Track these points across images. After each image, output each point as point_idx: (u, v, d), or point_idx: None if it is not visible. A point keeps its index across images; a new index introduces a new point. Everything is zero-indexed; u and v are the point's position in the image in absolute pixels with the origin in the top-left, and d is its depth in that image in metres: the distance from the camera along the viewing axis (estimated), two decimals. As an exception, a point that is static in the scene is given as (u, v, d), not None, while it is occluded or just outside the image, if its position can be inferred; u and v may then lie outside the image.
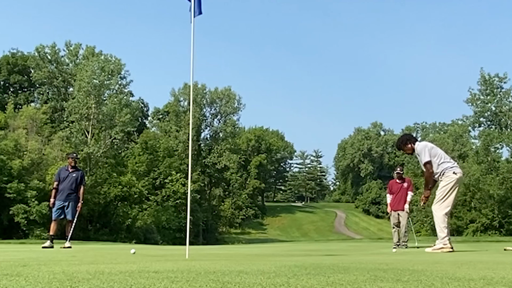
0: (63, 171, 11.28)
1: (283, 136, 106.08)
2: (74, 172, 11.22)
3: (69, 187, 11.02)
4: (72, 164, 11.29)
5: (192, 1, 5.03)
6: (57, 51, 55.55)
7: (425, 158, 7.30)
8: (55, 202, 10.97)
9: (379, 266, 3.00)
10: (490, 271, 2.64)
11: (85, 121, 46.77)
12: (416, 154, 7.50)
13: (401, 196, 12.20)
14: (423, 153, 7.34)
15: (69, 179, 11.07)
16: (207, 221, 61.98)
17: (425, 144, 7.60)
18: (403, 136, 7.97)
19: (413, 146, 7.59)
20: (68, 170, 11.20)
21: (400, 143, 7.80)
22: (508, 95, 50.82)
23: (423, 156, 7.34)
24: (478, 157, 52.57)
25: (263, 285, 1.99)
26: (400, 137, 8.03)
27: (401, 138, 7.96)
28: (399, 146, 7.89)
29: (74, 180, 11.12)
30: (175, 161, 56.12)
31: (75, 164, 11.43)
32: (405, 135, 8.14)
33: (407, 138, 7.88)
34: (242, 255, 5.99)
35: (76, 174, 11.21)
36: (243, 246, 31.31)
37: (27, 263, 3.32)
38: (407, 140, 7.78)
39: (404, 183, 12.28)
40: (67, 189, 10.98)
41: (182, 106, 65.16)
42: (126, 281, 2.12)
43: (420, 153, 7.38)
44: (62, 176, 11.14)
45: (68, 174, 11.13)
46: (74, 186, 11.10)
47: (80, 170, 11.71)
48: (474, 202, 53.51)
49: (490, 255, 5.84)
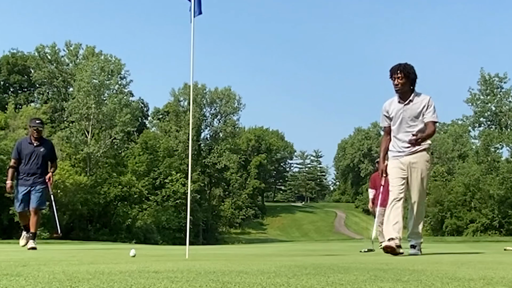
0: (25, 145, 8.43)
1: (283, 136, 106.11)
2: (41, 145, 8.43)
3: (35, 167, 8.33)
4: (35, 135, 8.39)
5: (192, 1, 5.03)
6: (57, 51, 55.58)
7: (437, 117, 5.53)
8: (18, 188, 8.36)
9: (379, 266, 3.00)
10: (490, 271, 2.64)
11: (85, 121, 46.79)
12: (425, 105, 5.45)
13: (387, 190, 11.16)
14: (435, 109, 5.51)
15: (34, 156, 8.33)
16: (207, 221, 61.98)
17: None
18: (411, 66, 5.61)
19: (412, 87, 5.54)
20: (32, 143, 8.38)
21: (410, 70, 5.51)
22: (508, 95, 50.83)
23: (436, 113, 5.51)
24: (478, 157, 52.58)
25: (263, 285, 1.99)
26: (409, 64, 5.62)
27: (410, 65, 5.60)
28: (403, 69, 5.49)
29: (41, 156, 8.37)
30: (175, 161, 56.12)
31: (40, 134, 8.53)
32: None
33: (416, 75, 5.60)
34: (242, 255, 6.00)
35: (43, 148, 8.43)
36: (243, 246, 31.31)
37: (27, 263, 3.32)
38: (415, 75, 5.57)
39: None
40: (32, 169, 8.30)
41: (182, 106, 65.16)
42: (126, 281, 2.12)
43: (434, 107, 5.50)
44: (24, 152, 8.34)
45: (33, 148, 8.35)
46: (41, 164, 8.38)
47: (48, 141, 9.04)
48: (474, 202, 53.50)
49: (490, 255, 5.85)
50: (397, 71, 5.49)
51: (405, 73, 5.47)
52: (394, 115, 5.61)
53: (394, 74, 5.50)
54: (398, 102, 5.57)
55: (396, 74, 5.49)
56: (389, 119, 5.67)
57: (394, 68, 5.54)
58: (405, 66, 5.52)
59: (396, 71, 5.50)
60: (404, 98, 5.53)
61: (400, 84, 5.48)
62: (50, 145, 8.77)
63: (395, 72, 5.49)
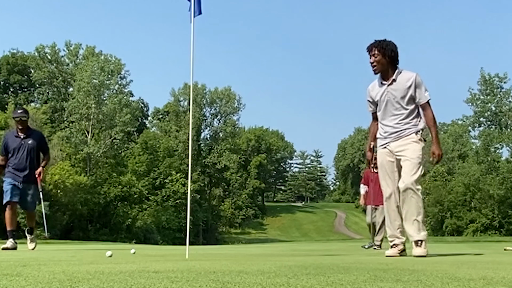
0: (12, 139, 7.60)
1: (283, 136, 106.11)
2: (28, 137, 7.59)
3: (25, 162, 7.48)
4: (20, 126, 7.56)
5: (192, 1, 5.03)
6: (57, 51, 55.60)
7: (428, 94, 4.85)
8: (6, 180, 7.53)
9: (379, 266, 3.00)
10: (490, 271, 2.64)
11: (85, 121, 46.82)
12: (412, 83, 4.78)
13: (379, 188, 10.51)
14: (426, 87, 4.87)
15: (22, 149, 7.50)
16: (207, 221, 61.99)
17: None
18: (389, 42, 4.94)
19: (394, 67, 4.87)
20: (19, 136, 7.56)
21: (386, 46, 4.89)
22: (508, 95, 50.85)
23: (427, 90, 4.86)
24: (478, 157, 52.59)
25: (263, 285, 1.99)
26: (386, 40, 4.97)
27: (388, 41, 4.95)
28: (377, 45, 4.89)
29: (30, 149, 7.54)
30: (175, 161, 56.15)
31: (26, 125, 7.65)
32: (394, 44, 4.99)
33: (396, 52, 4.91)
34: (242, 255, 6.00)
35: (31, 140, 7.59)
36: (243, 246, 31.31)
37: (27, 263, 3.32)
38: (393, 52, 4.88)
39: None
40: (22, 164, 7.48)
41: (182, 106, 65.19)
42: (126, 281, 2.12)
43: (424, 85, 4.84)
44: (12, 146, 7.55)
45: (21, 141, 7.54)
46: (31, 158, 7.53)
47: (37, 132, 8.19)
48: (474, 202, 53.54)
49: (490, 255, 5.85)
50: (372, 49, 4.90)
51: (380, 49, 4.84)
52: (378, 98, 4.99)
53: (370, 52, 4.91)
54: (381, 84, 4.95)
55: (371, 52, 4.90)
56: (374, 104, 5.06)
57: (368, 46, 4.95)
58: (380, 42, 4.90)
59: (371, 49, 4.91)
60: (385, 78, 4.91)
61: (376, 62, 4.86)
62: (39, 136, 7.89)
63: (370, 50, 4.91)
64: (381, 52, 4.85)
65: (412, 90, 4.82)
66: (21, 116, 7.58)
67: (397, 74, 4.87)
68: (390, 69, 4.88)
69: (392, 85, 4.87)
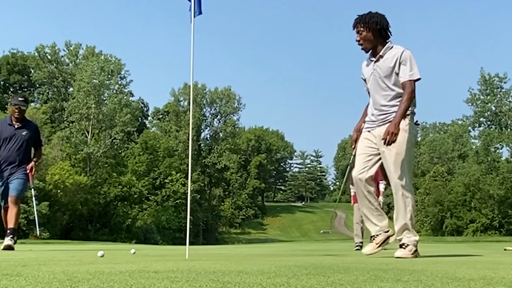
0: (4, 126, 6.96)
1: (283, 136, 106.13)
2: (23, 127, 6.97)
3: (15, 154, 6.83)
4: (16, 115, 6.94)
5: (192, 1, 5.03)
6: (57, 51, 55.66)
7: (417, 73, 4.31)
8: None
9: (379, 266, 3.00)
10: (490, 271, 2.64)
11: (85, 121, 46.85)
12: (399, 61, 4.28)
13: None
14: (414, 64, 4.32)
15: (15, 140, 6.87)
16: (207, 221, 62.02)
17: None
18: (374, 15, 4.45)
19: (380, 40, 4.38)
20: (13, 125, 6.93)
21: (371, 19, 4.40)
22: (508, 95, 50.92)
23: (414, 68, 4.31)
24: (478, 157, 52.65)
25: (263, 285, 1.99)
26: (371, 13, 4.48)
27: (373, 14, 4.47)
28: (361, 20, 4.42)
29: (23, 140, 6.91)
30: (175, 161, 56.17)
31: (23, 115, 7.04)
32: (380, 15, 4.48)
33: (382, 23, 4.40)
34: (242, 255, 6.00)
35: (26, 131, 6.96)
36: (243, 246, 31.33)
37: (27, 263, 3.32)
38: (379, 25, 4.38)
39: None
40: (12, 156, 6.81)
41: (182, 106, 65.22)
42: (126, 281, 2.12)
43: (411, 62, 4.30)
44: (3, 135, 6.87)
45: (14, 131, 6.89)
46: (23, 151, 6.92)
47: (32, 123, 7.46)
48: (474, 202, 53.59)
49: (490, 255, 5.85)
50: (356, 25, 4.42)
51: (364, 24, 4.36)
52: (367, 77, 4.51)
53: (355, 29, 4.43)
54: (370, 60, 4.46)
55: (356, 29, 4.42)
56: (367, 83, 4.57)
57: (353, 24, 4.45)
58: (363, 16, 4.41)
59: (355, 26, 4.42)
60: (374, 55, 4.41)
61: (362, 39, 4.38)
62: (35, 128, 7.25)
63: (355, 27, 4.42)
64: (365, 27, 4.36)
65: (397, 67, 4.29)
66: (20, 105, 6.97)
67: (386, 49, 4.37)
68: (379, 44, 4.38)
69: (379, 62, 4.39)
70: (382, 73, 4.35)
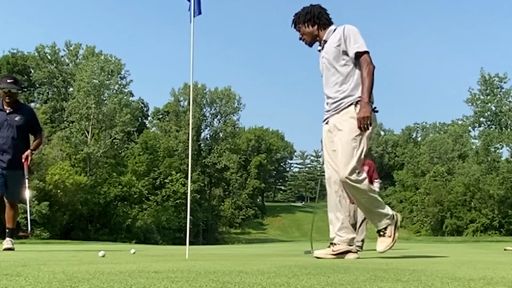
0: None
1: (283, 136, 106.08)
2: (16, 112, 6.25)
3: (9, 141, 6.17)
4: (7, 99, 6.19)
5: (191, 1, 5.03)
6: (57, 51, 55.66)
7: (364, 45, 4.05)
8: None
9: (379, 266, 3.00)
10: (490, 271, 2.64)
11: (85, 121, 46.86)
12: (342, 38, 4.07)
13: None
14: (359, 37, 4.08)
15: (7, 126, 6.18)
16: (207, 221, 62.01)
17: None
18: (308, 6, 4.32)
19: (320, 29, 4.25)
20: (3, 110, 6.21)
21: (305, 15, 4.27)
22: (508, 95, 50.93)
23: (359, 41, 4.05)
24: (478, 157, 52.67)
25: (263, 285, 1.99)
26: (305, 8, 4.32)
27: (306, 8, 4.31)
28: (297, 20, 4.32)
29: (16, 127, 6.22)
30: (175, 161, 56.17)
31: (14, 98, 6.25)
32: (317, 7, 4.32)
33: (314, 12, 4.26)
34: (242, 255, 6.00)
35: (19, 116, 6.25)
36: (243, 246, 31.33)
37: (27, 263, 3.32)
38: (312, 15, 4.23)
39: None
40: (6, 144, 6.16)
41: (182, 106, 65.23)
42: (126, 281, 2.12)
43: (354, 35, 4.07)
44: None
45: (6, 117, 6.20)
46: (17, 138, 6.21)
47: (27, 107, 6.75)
48: (474, 202, 53.63)
49: (490, 255, 5.85)
50: (294, 25, 4.33)
51: (298, 20, 4.28)
52: (320, 68, 4.32)
53: (295, 28, 4.34)
54: (319, 51, 4.35)
55: (295, 28, 4.33)
56: None
57: (291, 25, 4.35)
58: (296, 13, 4.29)
59: (293, 26, 4.33)
60: (320, 44, 4.29)
61: (302, 35, 4.30)
62: (29, 112, 6.51)
63: (294, 27, 4.33)
64: (301, 22, 4.25)
65: (343, 45, 4.07)
66: (10, 88, 6.12)
67: (329, 34, 4.21)
68: (321, 32, 4.25)
69: (324, 48, 4.22)
70: (330, 57, 4.13)
